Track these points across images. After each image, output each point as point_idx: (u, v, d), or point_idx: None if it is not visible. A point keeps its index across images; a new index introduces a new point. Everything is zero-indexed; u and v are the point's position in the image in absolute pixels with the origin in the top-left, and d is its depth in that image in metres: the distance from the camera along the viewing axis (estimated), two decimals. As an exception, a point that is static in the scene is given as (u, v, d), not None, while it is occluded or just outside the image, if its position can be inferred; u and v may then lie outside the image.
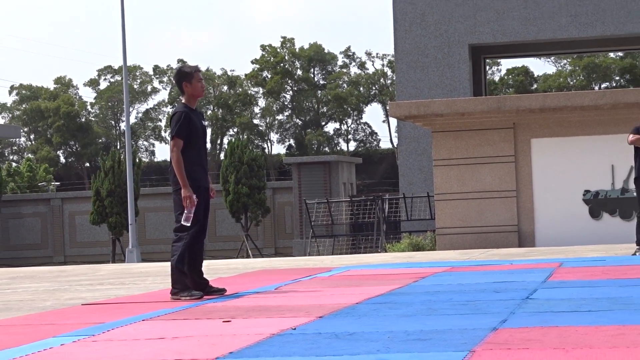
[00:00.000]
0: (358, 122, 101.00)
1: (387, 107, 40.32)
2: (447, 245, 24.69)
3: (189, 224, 10.35)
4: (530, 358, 5.57)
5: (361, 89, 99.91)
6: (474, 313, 7.91)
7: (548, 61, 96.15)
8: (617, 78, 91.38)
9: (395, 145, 71.86)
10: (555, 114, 24.80)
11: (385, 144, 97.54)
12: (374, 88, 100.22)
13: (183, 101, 10.92)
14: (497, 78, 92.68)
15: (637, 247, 16.21)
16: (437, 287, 10.48)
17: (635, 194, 16.77)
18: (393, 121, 76.06)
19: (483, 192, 24.74)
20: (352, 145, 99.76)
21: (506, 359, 5.57)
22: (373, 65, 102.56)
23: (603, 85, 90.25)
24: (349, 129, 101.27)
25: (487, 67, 55.94)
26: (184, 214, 10.31)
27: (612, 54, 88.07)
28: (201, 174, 10.73)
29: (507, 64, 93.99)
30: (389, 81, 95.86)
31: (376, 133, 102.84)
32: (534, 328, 6.85)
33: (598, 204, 24.63)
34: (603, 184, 24.58)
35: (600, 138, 24.29)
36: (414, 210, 38.88)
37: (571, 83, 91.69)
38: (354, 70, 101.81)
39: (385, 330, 7.00)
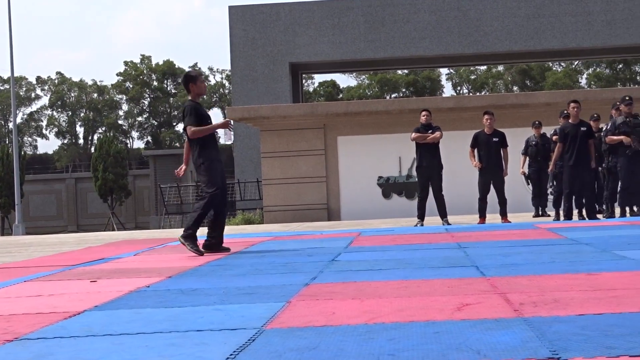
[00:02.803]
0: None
1: (225, 111, 40.15)
2: (272, 219, 24.74)
3: (230, 134, 10.47)
4: (334, 306, 5.61)
5: (205, 96, 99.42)
6: (291, 272, 7.92)
7: (351, 76, 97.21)
8: (404, 90, 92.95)
9: (232, 141, 71.50)
10: (356, 117, 25.07)
11: (224, 140, 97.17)
12: (215, 96, 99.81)
13: (190, 98, 10.76)
14: (311, 89, 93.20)
15: (418, 220, 16.53)
16: (263, 253, 10.46)
17: (417, 179, 17.07)
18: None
19: (300, 178, 24.85)
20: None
21: (315, 307, 5.60)
22: (214, 78, 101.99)
23: (393, 95, 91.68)
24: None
25: (304, 81, 56.19)
26: (226, 134, 10.47)
27: (399, 71, 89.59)
28: (215, 150, 10.65)
29: (319, 78, 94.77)
30: (227, 91, 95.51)
31: (217, 132, 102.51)
32: (337, 283, 6.88)
33: (389, 187, 25.01)
34: (392, 172, 24.97)
35: (391, 136, 24.65)
36: (246, 193, 38.90)
37: (368, 93, 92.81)
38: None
39: (221, 287, 6.95)
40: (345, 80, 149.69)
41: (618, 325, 4.50)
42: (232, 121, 10.68)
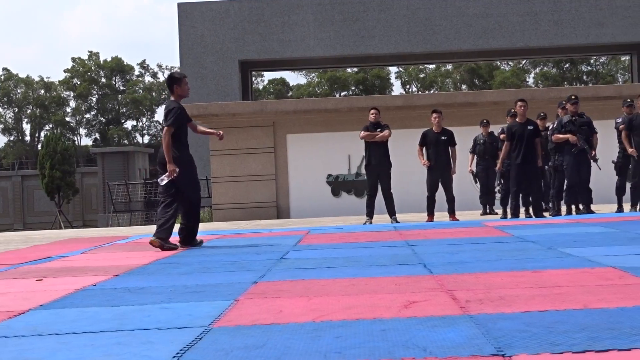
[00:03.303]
0: (151, 120, 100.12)
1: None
2: (221, 217, 24.67)
3: (162, 184, 10.78)
4: (281, 304, 5.62)
5: (154, 94, 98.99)
6: (239, 270, 7.91)
7: (300, 74, 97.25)
8: (353, 88, 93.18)
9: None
10: (306, 115, 25.09)
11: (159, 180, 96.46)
12: (164, 93, 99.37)
13: (172, 99, 11.07)
14: (261, 87, 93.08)
15: (367, 218, 16.59)
16: (212, 251, 10.43)
17: (366, 177, 17.12)
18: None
19: (249, 176, 24.82)
20: (147, 139, 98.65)
21: (262, 305, 5.60)
22: (163, 75, 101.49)
23: (342, 93, 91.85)
24: (144, 125, 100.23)
25: (253, 78, 56.11)
26: (164, 177, 10.71)
27: (349, 69, 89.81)
28: (187, 152, 10.97)
29: (268, 75, 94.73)
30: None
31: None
32: (285, 281, 6.89)
33: (338, 185, 25.06)
34: (342, 170, 25.03)
35: (340, 134, 24.71)
36: (195, 190, 38.74)
37: (318, 91, 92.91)
38: (148, 78, 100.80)
39: (168, 285, 6.92)
40: (295, 78, 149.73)
41: (562, 322, 4.57)
42: (176, 172, 10.74)
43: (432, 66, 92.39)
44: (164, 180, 10.70)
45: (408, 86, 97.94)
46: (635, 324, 4.45)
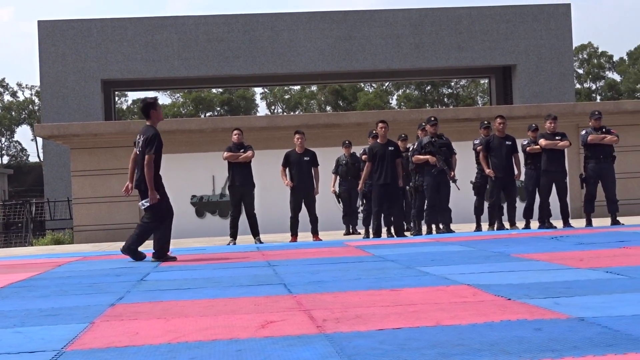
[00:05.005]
0: (10, 140, 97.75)
1: (34, 128, 38.95)
2: (83, 239, 24.23)
3: (143, 208, 11.55)
4: (138, 326, 5.57)
5: (13, 113, 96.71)
6: (97, 293, 7.79)
7: (165, 94, 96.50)
8: (219, 108, 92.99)
9: (42, 159, 69.59)
10: (169, 136, 24.87)
11: (33, 158, 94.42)
12: (24, 112, 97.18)
13: (149, 124, 11.56)
14: (125, 107, 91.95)
15: (231, 238, 16.57)
16: (70, 273, 10.24)
17: (229, 198, 17.08)
18: (40, 139, 74.00)
19: (112, 197, 24.46)
20: (5, 159, 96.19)
21: (118, 327, 5.54)
22: (23, 94, 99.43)
23: (208, 114, 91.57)
24: (3, 145, 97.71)
25: (117, 98, 55.38)
26: (146, 202, 11.43)
27: (214, 90, 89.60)
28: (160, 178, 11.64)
29: (132, 95, 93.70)
30: (36, 107, 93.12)
31: (26, 149, 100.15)
32: (144, 303, 6.83)
33: (202, 205, 24.94)
34: (206, 190, 24.92)
35: (204, 155, 24.61)
36: (56, 212, 37.96)
37: (183, 112, 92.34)
38: (7, 97, 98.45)
39: (23, 309, 6.77)
40: (160, 98, 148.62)
41: (415, 338, 4.66)
42: (157, 199, 11.50)
43: (297, 87, 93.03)
44: (144, 205, 11.45)
45: (273, 107, 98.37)
46: (485, 339, 4.58)
